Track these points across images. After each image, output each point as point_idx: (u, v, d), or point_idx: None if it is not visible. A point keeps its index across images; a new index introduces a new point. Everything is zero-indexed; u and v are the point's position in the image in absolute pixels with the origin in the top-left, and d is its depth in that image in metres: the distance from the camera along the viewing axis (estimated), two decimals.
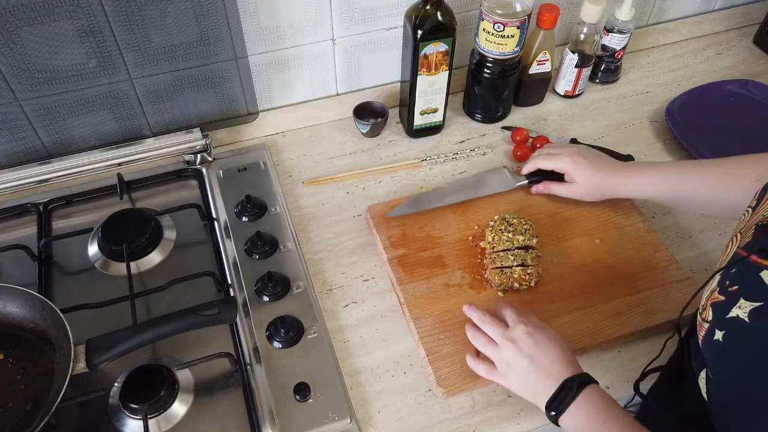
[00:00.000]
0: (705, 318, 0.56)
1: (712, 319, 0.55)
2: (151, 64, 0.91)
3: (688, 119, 1.07)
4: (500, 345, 0.70)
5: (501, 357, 0.69)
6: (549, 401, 0.65)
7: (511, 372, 0.69)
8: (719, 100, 1.12)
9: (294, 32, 0.97)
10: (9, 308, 0.74)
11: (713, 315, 0.55)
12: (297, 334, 0.79)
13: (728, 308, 0.53)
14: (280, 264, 0.86)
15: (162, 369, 0.74)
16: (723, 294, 0.55)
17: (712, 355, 0.56)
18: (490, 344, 0.71)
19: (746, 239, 0.56)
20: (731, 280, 0.55)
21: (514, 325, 0.70)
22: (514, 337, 0.69)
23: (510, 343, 0.69)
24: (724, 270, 0.57)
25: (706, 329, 0.56)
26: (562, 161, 0.89)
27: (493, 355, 0.71)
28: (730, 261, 0.57)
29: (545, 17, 1.00)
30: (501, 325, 0.71)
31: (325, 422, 0.71)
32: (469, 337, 0.74)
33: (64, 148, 0.98)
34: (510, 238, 0.84)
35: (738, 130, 1.07)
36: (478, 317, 0.74)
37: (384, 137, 1.07)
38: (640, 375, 0.72)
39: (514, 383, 0.69)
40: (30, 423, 0.66)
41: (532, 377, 0.67)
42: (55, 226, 0.93)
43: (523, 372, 0.67)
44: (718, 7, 1.27)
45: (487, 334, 0.72)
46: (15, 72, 0.85)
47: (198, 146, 0.99)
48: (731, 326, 0.53)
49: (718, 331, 0.54)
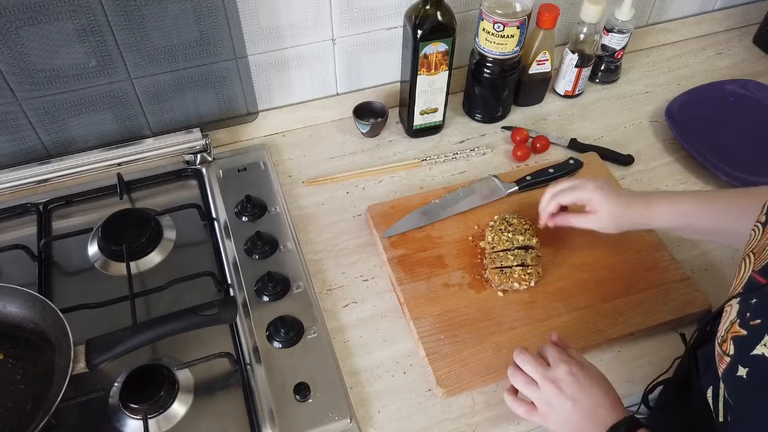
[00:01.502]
0: (726, 351, 0.54)
1: (734, 354, 0.53)
2: (151, 64, 0.91)
3: (688, 119, 1.07)
4: (541, 385, 0.66)
5: (541, 397, 0.66)
6: None
7: (552, 414, 0.65)
8: (719, 100, 1.12)
9: (294, 32, 0.97)
10: (9, 308, 0.74)
11: (735, 350, 0.53)
12: (297, 334, 0.79)
13: (752, 345, 0.50)
14: (280, 264, 0.86)
15: (162, 369, 0.74)
16: (744, 328, 0.52)
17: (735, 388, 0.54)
18: (529, 384, 0.67)
19: (762, 262, 0.53)
20: (752, 312, 0.52)
21: (555, 364, 0.66)
22: (556, 378, 0.65)
23: (551, 384, 0.65)
24: (741, 297, 0.54)
25: (728, 363, 0.54)
26: (585, 191, 0.80)
27: (532, 395, 0.67)
28: (746, 286, 0.54)
29: (545, 17, 1.00)
30: (542, 364, 0.67)
31: (325, 422, 0.71)
32: (509, 376, 0.70)
33: (64, 148, 0.98)
34: (510, 238, 0.84)
35: (738, 130, 1.07)
36: (518, 356, 0.69)
37: (384, 137, 1.07)
38: (650, 387, 0.70)
39: (556, 426, 0.66)
40: (30, 423, 0.66)
41: (575, 420, 0.63)
42: (55, 226, 0.93)
43: (566, 415, 0.64)
44: (718, 7, 1.27)
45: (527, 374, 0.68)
46: (15, 72, 0.85)
47: (198, 146, 0.99)
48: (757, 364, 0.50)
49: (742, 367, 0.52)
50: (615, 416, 0.63)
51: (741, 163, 1.00)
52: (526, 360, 0.68)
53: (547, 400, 0.65)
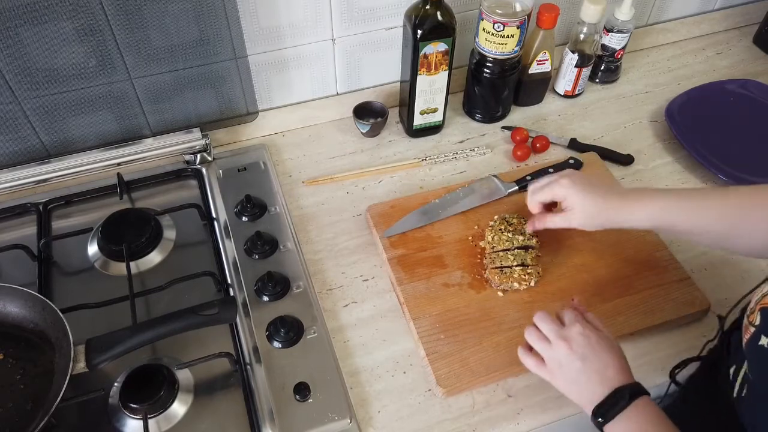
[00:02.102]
0: (752, 321, 0.56)
1: (760, 324, 0.54)
2: (151, 64, 0.91)
3: (687, 119, 1.07)
4: (553, 342, 0.67)
5: (552, 354, 0.67)
6: (597, 407, 0.63)
7: (560, 371, 0.66)
8: (719, 100, 1.12)
9: (294, 32, 0.97)
10: (9, 308, 0.74)
11: (761, 320, 0.54)
12: (297, 333, 0.79)
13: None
14: (280, 264, 0.86)
15: (162, 369, 0.74)
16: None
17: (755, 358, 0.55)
18: (542, 340, 0.68)
19: None
20: None
21: (570, 324, 0.68)
22: (569, 336, 0.66)
23: (563, 341, 0.66)
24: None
25: (752, 333, 0.55)
26: (558, 186, 0.77)
27: (544, 351, 0.68)
28: None
29: (545, 17, 1.00)
30: (557, 323, 0.69)
31: (325, 422, 0.71)
32: (525, 333, 0.71)
33: (63, 147, 0.97)
34: (510, 238, 0.84)
35: (738, 130, 1.07)
36: (536, 315, 0.71)
37: (384, 137, 1.07)
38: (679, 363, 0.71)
39: (562, 383, 0.67)
40: (30, 423, 0.66)
41: (582, 379, 0.64)
42: (54, 225, 0.93)
43: (573, 373, 0.65)
44: (718, 6, 1.27)
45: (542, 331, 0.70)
46: (15, 71, 0.85)
47: (198, 146, 0.99)
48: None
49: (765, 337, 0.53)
50: (622, 380, 0.64)
51: (741, 163, 1.00)
52: (542, 318, 0.70)
53: (557, 358, 0.67)
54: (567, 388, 0.67)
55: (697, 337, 0.81)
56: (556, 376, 0.67)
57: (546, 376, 0.68)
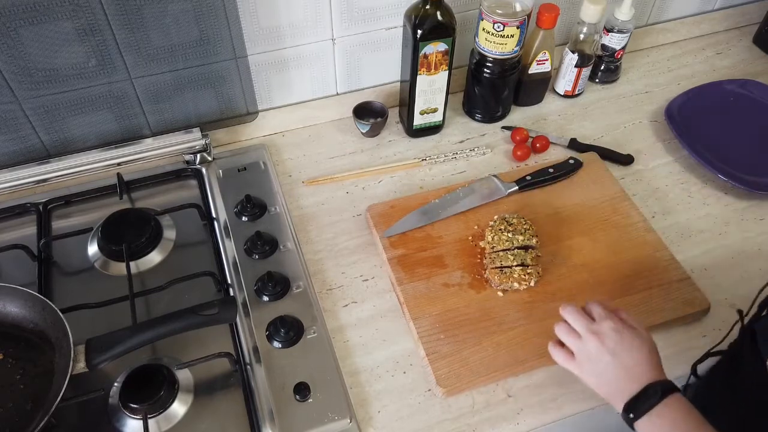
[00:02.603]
0: None
1: None
2: (151, 64, 0.91)
3: (687, 119, 1.07)
4: (583, 336, 0.67)
5: (582, 348, 0.67)
6: (628, 403, 0.63)
7: (589, 365, 0.66)
8: (719, 100, 1.12)
9: (294, 32, 0.97)
10: (9, 308, 0.74)
11: None
12: (297, 333, 0.79)
13: None
14: (280, 264, 0.86)
15: (162, 369, 0.74)
16: None
17: None
18: (571, 334, 0.68)
19: None
20: None
21: (601, 319, 0.67)
22: (600, 331, 0.66)
23: (594, 336, 0.66)
24: None
25: None
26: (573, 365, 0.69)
27: (573, 345, 0.68)
28: None
29: (545, 17, 1.00)
30: (586, 318, 0.69)
31: (325, 422, 0.71)
32: (554, 328, 0.71)
33: (63, 147, 0.97)
34: (510, 238, 0.84)
35: (738, 130, 1.07)
36: (564, 308, 0.71)
37: (384, 137, 1.07)
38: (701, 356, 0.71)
39: (591, 377, 0.67)
40: (30, 423, 0.66)
41: (612, 375, 0.64)
42: (54, 225, 0.93)
43: (603, 368, 0.65)
44: (718, 6, 1.27)
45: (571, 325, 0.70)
46: (15, 71, 0.85)
47: (198, 146, 0.99)
48: None
49: None
50: (653, 376, 0.63)
51: (740, 163, 1.00)
52: (570, 312, 0.70)
53: (587, 351, 0.66)
54: (595, 383, 0.66)
55: (697, 336, 0.81)
56: (585, 370, 0.67)
57: (575, 370, 0.68)
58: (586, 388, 0.70)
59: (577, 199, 0.95)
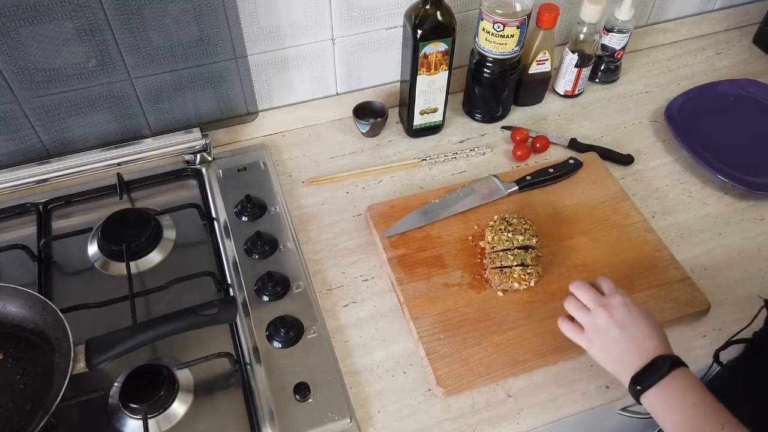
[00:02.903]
0: None
1: None
2: (151, 64, 0.91)
3: (687, 119, 1.07)
4: (593, 310, 0.68)
5: (591, 321, 0.68)
6: (636, 375, 0.63)
7: (598, 338, 0.67)
8: (719, 101, 1.12)
9: (294, 32, 0.97)
10: (9, 308, 0.74)
11: None
12: (297, 333, 0.79)
13: None
14: (280, 264, 0.86)
15: (162, 369, 0.74)
16: None
17: None
18: (581, 309, 0.69)
19: None
20: None
21: (610, 293, 0.69)
22: (609, 304, 0.67)
23: (603, 309, 0.67)
24: None
25: None
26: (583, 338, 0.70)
27: (583, 319, 0.69)
28: None
29: (545, 17, 1.00)
30: (596, 292, 0.70)
31: (324, 422, 0.71)
32: (564, 304, 0.72)
33: (63, 147, 0.97)
34: (510, 238, 0.84)
35: (737, 130, 1.07)
36: (573, 284, 0.72)
37: (384, 137, 1.07)
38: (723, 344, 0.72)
39: (599, 350, 0.67)
40: (30, 423, 0.66)
41: (620, 347, 0.65)
42: (54, 225, 0.93)
43: (611, 340, 0.66)
44: (718, 6, 1.27)
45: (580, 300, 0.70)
46: (15, 71, 0.85)
47: (198, 146, 0.99)
48: None
49: None
50: (661, 350, 0.64)
51: (740, 163, 1.00)
52: (580, 287, 0.71)
53: (596, 324, 0.67)
54: (603, 357, 0.67)
55: (697, 336, 0.81)
56: (594, 344, 0.68)
57: (584, 343, 0.69)
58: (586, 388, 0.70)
59: (577, 199, 0.95)
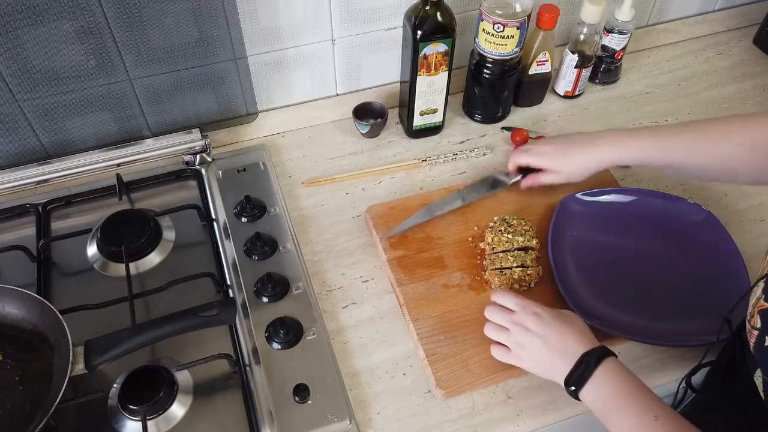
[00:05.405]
0: (754, 325, 0.58)
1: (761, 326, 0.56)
2: (151, 65, 0.91)
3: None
4: (510, 329, 0.71)
5: (513, 340, 0.71)
6: (567, 377, 0.65)
7: (524, 353, 0.70)
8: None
9: (293, 33, 0.97)
10: (8, 309, 0.74)
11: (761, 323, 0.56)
12: (296, 335, 0.79)
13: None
14: (280, 265, 0.86)
15: (161, 370, 0.74)
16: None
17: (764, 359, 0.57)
18: (500, 330, 0.72)
19: None
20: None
21: (519, 309, 0.72)
22: (521, 320, 0.70)
23: (518, 326, 0.70)
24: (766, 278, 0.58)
25: (756, 336, 0.57)
26: (536, 157, 0.89)
27: (506, 340, 0.72)
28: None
29: (545, 18, 1.00)
30: (507, 311, 0.73)
31: (324, 424, 0.71)
32: (485, 331, 0.74)
33: (63, 148, 0.97)
34: (510, 239, 0.84)
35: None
36: (487, 309, 0.75)
37: (384, 138, 1.07)
38: (692, 370, 0.72)
39: (529, 363, 0.70)
40: (29, 424, 0.66)
41: (546, 356, 0.68)
42: (54, 226, 0.93)
43: (537, 352, 0.68)
44: (718, 7, 1.27)
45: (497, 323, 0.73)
46: (14, 72, 0.85)
47: (197, 147, 0.99)
48: None
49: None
50: (584, 345, 0.66)
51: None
52: (493, 311, 0.74)
53: (518, 341, 0.70)
54: (535, 368, 0.70)
55: None
56: (523, 359, 0.70)
57: (516, 362, 0.71)
58: None
59: None
